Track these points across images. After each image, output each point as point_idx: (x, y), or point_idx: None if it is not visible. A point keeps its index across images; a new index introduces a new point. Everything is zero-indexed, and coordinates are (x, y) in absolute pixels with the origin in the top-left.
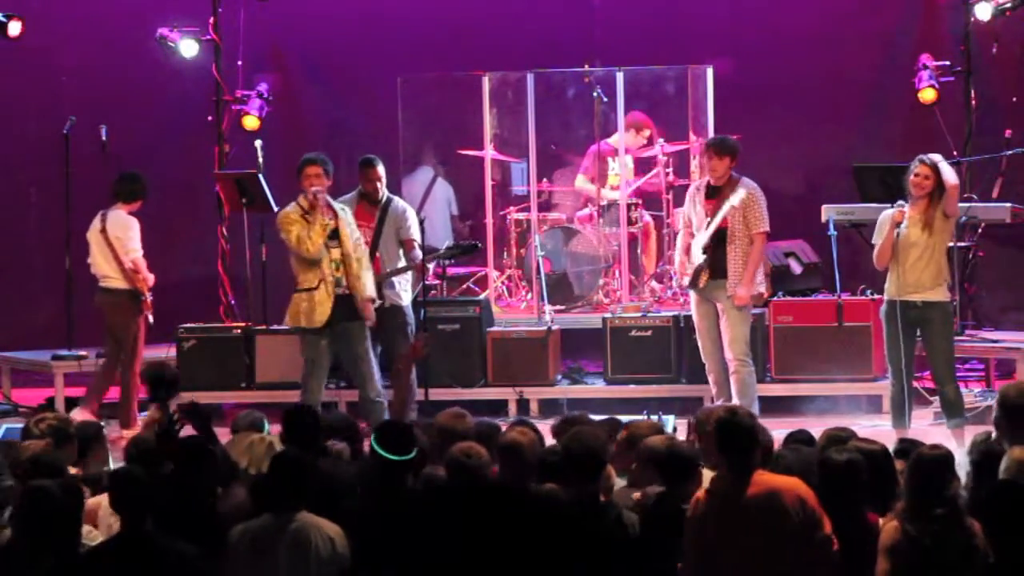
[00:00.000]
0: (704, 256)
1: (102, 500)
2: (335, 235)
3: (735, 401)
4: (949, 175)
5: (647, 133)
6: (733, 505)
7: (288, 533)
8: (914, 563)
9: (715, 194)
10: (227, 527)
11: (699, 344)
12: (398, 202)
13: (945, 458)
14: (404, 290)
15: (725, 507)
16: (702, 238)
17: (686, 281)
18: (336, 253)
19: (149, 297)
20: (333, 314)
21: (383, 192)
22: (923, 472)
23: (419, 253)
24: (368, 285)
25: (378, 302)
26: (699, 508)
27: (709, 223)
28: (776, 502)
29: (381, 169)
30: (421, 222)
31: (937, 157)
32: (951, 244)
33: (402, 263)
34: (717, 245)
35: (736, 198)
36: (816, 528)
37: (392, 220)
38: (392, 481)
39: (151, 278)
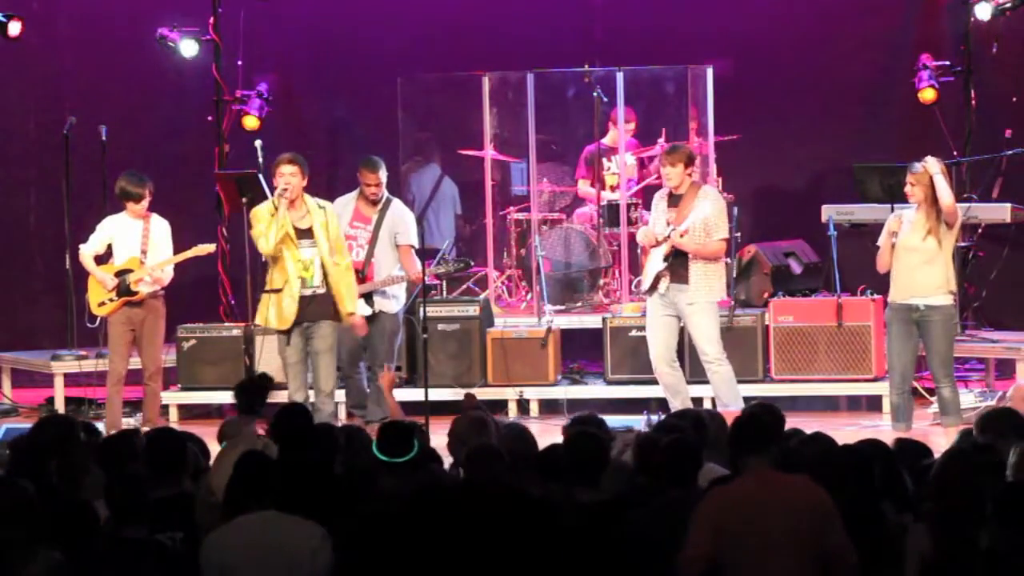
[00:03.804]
0: (664, 264)
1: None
2: (307, 234)
3: (719, 400)
4: (944, 194)
5: (631, 126)
6: (757, 502)
7: (259, 534)
8: (944, 566)
9: (677, 202)
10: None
11: (651, 351)
12: (398, 205)
13: (975, 461)
14: (394, 297)
15: (748, 504)
16: (663, 246)
17: (644, 286)
18: (307, 253)
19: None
20: (300, 314)
21: (383, 194)
22: (954, 474)
23: (417, 262)
24: (349, 299)
25: (368, 311)
26: (718, 500)
27: (672, 231)
28: (798, 501)
29: (383, 174)
30: (420, 225)
31: (934, 168)
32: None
33: (397, 269)
34: (678, 253)
35: (701, 214)
36: (833, 528)
37: (389, 223)
38: (390, 482)
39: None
